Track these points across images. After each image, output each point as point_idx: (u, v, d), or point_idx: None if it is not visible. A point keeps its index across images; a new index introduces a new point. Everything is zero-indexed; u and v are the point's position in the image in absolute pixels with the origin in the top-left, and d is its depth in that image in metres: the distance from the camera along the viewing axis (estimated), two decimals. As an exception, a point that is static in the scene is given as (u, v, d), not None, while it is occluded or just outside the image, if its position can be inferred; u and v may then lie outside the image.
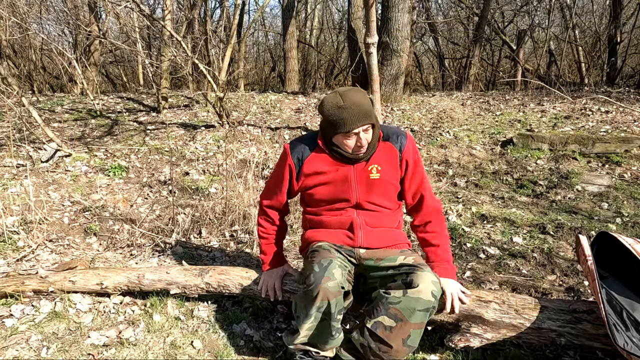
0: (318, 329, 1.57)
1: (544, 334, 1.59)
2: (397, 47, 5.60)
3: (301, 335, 1.59)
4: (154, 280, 2.06)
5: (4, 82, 4.57)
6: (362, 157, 1.64)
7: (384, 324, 1.46)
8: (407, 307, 1.43)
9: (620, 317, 1.45)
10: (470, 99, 6.45)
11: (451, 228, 2.93)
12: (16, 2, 6.05)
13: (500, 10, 9.82)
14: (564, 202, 3.28)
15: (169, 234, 2.94)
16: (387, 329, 1.46)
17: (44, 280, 2.09)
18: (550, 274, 2.36)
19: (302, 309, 1.56)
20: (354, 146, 1.59)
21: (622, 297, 1.51)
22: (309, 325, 1.56)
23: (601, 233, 1.67)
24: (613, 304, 1.48)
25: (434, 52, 11.39)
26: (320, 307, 1.50)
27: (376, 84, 4.41)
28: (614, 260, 1.60)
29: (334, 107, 1.54)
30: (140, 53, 5.88)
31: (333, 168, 1.67)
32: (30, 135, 4.32)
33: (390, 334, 1.46)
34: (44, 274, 2.11)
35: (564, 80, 7.84)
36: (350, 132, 1.54)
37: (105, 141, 4.79)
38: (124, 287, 2.08)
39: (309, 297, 1.50)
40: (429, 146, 4.48)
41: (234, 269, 2.05)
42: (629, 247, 1.52)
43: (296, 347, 1.64)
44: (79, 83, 7.17)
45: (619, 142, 3.97)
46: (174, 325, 1.96)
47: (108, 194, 3.57)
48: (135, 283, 2.06)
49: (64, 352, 1.78)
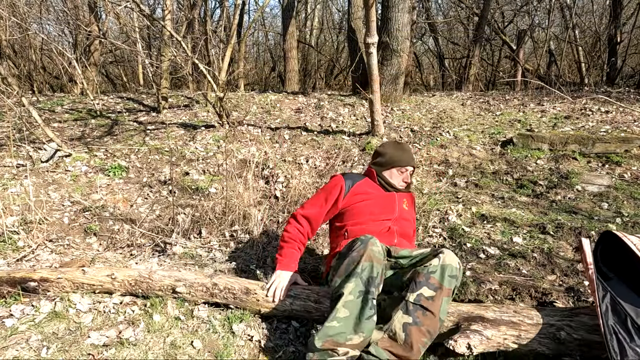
0: (355, 305, 1.63)
1: (543, 329, 1.58)
2: (397, 47, 5.60)
3: (333, 319, 1.61)
4: (163, 276, 2.08)
5: (4, 82, 4.57)
6: (400, 190, 2.27)
7: (424, 295, 1.66)
8: (442, 274, 1.69)
9: (625, 325, 1.41)
10: (470, 99, 6.45)
11: (451, 228, 2.93)
12: (16, 2, 6.05)
13: (500, 10, 9.82)
14: (564, 202, 3.28)
15: (169, 234, 2.94)
16: (428, 299, 1.66)
17: (55, 269, 2.10)
18: (550, 274, 2.36)
19: (343, 273, 1.71)
20: (401, 179, 2.26)
21: (627, 303, 1.46)
22: (347, 297, 1.63)
23: (605, 232, 1.64)
24: (617, 310, 1.44)
25: (434, 52, 11.39)
26: (363, 269, 1.67)
27: (376, 84, 4.41)
28: (620, 260, 1.56)
29: (397, 149, 2.28)
30: (140, 53, 5.88)
31: (380, 192, 2.23)
32: (30, 135, 4.32)
33: (432, 303, 1.65)
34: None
35: (564, 80, 7.84)
36: (404, 167, 2.25)
37: (105, 141, 4.79)
38: (133, 282, 2.09)
39: (353, 259, 1.71)
40: (429, 146, 4.48)
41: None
42: (634, 247, 1.49)
43: (323, 347, 1.59)
44: (79, 83, 7.17)
45: (619, 142, 3.97)
46: (174, 325, 1.96)
47: (108, 194, 3.57)
48: (145, 277, 2.08)
49: (64, 352, 1.78)
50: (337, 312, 1.62)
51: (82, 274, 2.09)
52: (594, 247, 1.65)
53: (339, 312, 1.62)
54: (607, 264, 1.57)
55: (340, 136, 4.79)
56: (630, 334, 1.39)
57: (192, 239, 2.91)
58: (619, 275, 1.54)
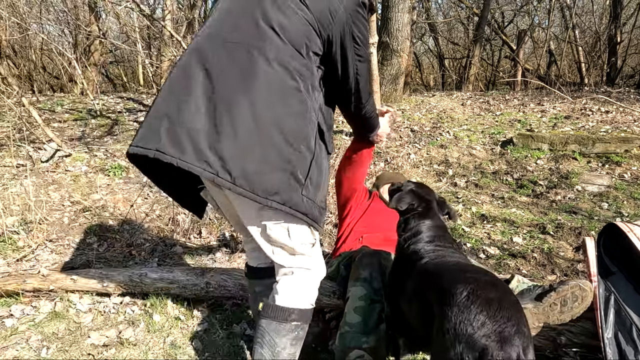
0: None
1: (543, 333, 1.58)
2: (397, 47, 5.60)
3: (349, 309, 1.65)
4: (155, 279, 2.06)
5: (4, 82, 4.57)
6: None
7: None
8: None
9: (630, 334, 1.30)
10: (470, 99, 6.45)
11: (451, 228, 2.93)
12: (16, 2, 6.05)
13: (500, 10, 9.81)
14: (564, 202, 3.28)
15: (169, 234, 2.94)
16: None
17: (45, 278, 2.09)
18: (550, 274, 2.36)
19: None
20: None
21: (632, 308, 1.35)
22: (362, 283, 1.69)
23: (609, 225, 1.54)
24: (622, 317, 1.34)
25: (434, 52, 11.39)
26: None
27: (376, 84, 4.41)
28: (623, 252, 1.46)
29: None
30: (140, 53, 5.87)
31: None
32: (30, 135, 4.32)
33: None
34: (46, 272, 2.11)
35: (564, 80, 7.84)
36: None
37: (105, 141, 4.79)
38: (125, 287, 2.08)
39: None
40: (429, 146, 4.48)
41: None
42: (637, 244, 1.42)
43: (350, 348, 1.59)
44: (79, 83, 7.16)
45: (619, 142, 3.97)
46: (174, 325, 1.96)
47: (108, 194, 3.57)
48: (137, 282, 2.07)
49: (64, 352, 1.78)
50: None
51: (72, 283, 2.07)
52: (597, 237, 1.56)
53: None
54: (610, 254, 1.49)
55: (340, 136, 4.79)
56: (636, 344, 1.28)
57: (192, 239, 2.91)
58: (622, 268, 1.44)
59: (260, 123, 1.17)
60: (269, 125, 1.17)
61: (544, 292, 1.41)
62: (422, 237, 1.55)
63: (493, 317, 1.02)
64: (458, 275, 1.18)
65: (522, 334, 1.02)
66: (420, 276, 1.37)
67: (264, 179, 1.17)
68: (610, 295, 1.34)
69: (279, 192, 1.18)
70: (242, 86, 1.17)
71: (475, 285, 1.10)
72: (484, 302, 1.05)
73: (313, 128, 1.26)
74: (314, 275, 1.43)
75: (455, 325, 1.03)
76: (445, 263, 1.37)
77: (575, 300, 1.35)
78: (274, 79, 1.19)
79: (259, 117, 1.16)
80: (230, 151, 1.14)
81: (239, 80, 1.18)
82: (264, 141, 1.17)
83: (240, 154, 1.15)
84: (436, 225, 1.60)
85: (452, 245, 1.54)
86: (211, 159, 1.14)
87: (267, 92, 1.18)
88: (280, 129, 1.18)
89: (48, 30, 8.32)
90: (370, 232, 2.14)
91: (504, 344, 0.98)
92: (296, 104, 1.21)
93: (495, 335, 0.99)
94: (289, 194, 1.20)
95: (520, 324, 1.03)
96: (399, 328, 1.63)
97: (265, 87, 1.18)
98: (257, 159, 1.16)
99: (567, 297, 1.36)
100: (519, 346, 0.99)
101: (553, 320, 1.39)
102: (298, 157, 1.21)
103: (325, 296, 1.92)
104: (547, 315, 1.37)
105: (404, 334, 1.64)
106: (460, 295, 1.08)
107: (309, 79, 1.24)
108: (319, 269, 1.45)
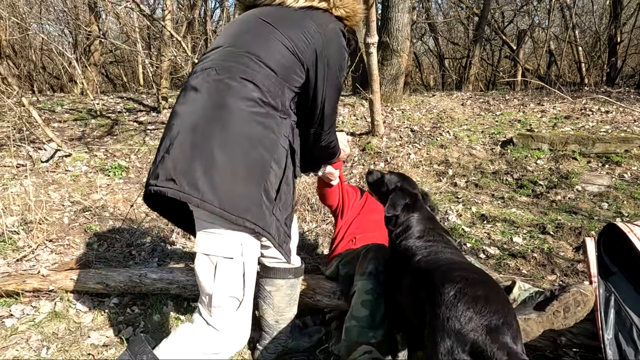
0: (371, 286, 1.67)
1: (543, 333, 1.58)
2: (397, 47, 5.60)
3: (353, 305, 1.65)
4: (155, 279, 2.06)
5: (4, 82, 4.57)
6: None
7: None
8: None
9: (630, 335, 1.29)
10: (470, 99, 6.45)
11: (451, 228, 2.93)
12: (16, 2, 6.05)
13: (500, 10, 9.81)
14: (564, 202, 3.28)
15: (169, 234, 2.94)
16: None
17: (45, 278, 2.09)
18: (550, 274, 2.36)
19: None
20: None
21: (632, 309, 1.34)
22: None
23: (609, 225, 1.52)
24: (622, 317, 1.33)
25: (434, 52, 11.38)
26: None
27: (376, 84, 4.41)
28: (623, 252, 1.44)
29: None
30: (140, 53, 5.87)
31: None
32: (30, 135, 4.32)
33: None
34: (46, 272, 2.11)
35: (564, 80, 7.84)
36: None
37: (105, 141, 4.79)
38: (125, 287, 2.08)
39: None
40: (429, 146, 4.48)
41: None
42: (637, 244, 1.40)
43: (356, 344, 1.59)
44: (79, 83, 7.17)
45: (619, 142, 3.97)
46: (174, 325, 1.96)
47: (108, 194, 3.57)
48: (137, 282, 2.06)
49: (64, 352, 1.78)
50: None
51: (72, 283, 2.08)
52: (597, 237, 1.54)
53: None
54: (610, 254, 1.47)
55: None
56: (636, 344, 1.27)
57: (192, 238, 2.91)
58: (623, 269, 1.42)
59: (232, 140, 1.16)
60: (240, 141, 1.16)
61: (546, 301, 1.43)
62: (412, 232, 1.57)
63: (479, 312, 1.06)
64: (447, 275, 1.22)
65: (509, 325, 1.05)
66: (413, 274, 1.40)
67: (234, 196, 1.14)
68: (610, 295, 1.33)
69: (249, 210, 1.15)
70: (215, 112, 1.18)
71: (463, 284, 1.14)
72: (470, 300, 1.09)
73: (284, 147, 1.24)
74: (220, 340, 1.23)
75: (444, 322, 1.07)
76: (436, 261, 1.39)
77: (577, 305, 1.37)
78: (244, 104, 1.18)
79: (230, 136, 1.16)
80: (200, 170, 1.13)
81: (212, 106, 1.19)
82: (234, 157, 1.15)
83: (209, 172, 1.13)
84: (425, 217, 1.62)
85: (442, 237, 1.55)
86: (179, 178, 1.13)
87: (238, 120, 1.17)
88: (252, 145, 1.17)
89: (48, 30, 8.32)
90: (364, 232, 2.15)
91: (492, 335, 1.02)
92: (268, 122, 1.20)
93: (483, 328, 1.03)
94: (260, 212, 1.17)
95: (507, 316, 1.07)
96: (397, 323, 1.63)
97: (237, 117, 1.17)
98: (227, 176, 1.14)
99: (569, 303, 1.38)
100: (507, 336, 1.03)
101: (558, 326, 1.40)
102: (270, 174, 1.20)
103: (325, 296, 1.92)
104: (552, 322, 1.39)
105: (402, 330, 1.65)
106: (448, 294, 1.13)
107: (279, 98, 1.23)
108: (233, 337, 1.24)
